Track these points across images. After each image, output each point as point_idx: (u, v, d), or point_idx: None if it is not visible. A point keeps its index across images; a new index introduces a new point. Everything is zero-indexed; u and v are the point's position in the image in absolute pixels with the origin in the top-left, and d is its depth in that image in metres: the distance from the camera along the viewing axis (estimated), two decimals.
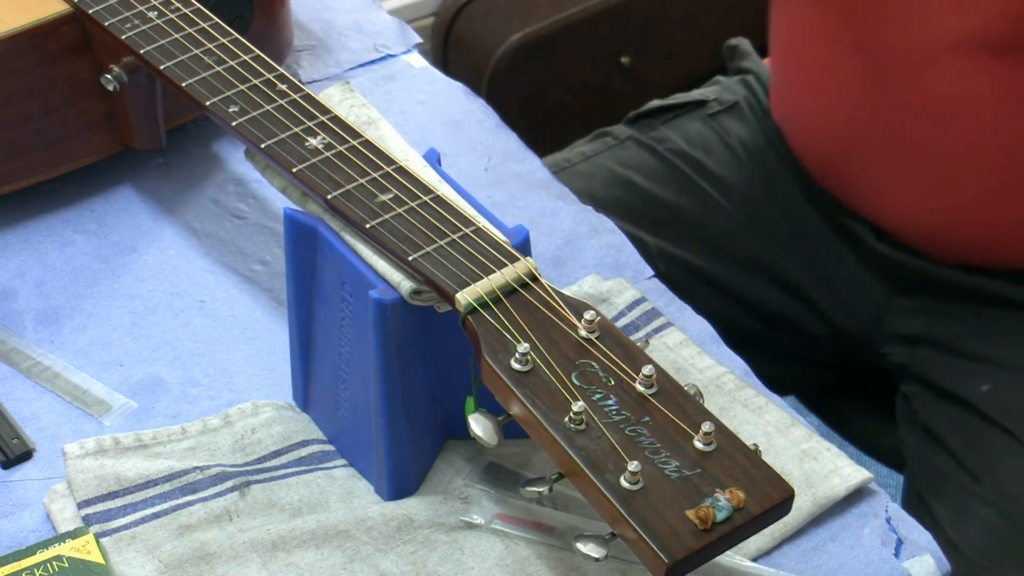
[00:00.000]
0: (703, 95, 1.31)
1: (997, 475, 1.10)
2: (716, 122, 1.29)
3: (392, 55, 1.16)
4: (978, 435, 1.13)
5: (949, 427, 1.15)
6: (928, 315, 1.19)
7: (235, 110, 0.84)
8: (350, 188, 0.79)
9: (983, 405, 1.13)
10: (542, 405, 0.67)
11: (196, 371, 0.91)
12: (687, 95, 1.32)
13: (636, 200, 1.24)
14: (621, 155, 1.29)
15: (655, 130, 1.29)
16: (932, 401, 1.17)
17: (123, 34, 0.91)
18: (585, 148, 1.32)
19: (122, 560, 0.79)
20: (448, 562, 0.79)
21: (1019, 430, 1.11)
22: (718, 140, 1.28)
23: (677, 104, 1.31)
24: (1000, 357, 1.14)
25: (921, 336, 1.19)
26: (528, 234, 0.79)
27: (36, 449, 0.86)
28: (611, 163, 1.28)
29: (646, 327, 0.93)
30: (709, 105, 1.30)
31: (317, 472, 0.84)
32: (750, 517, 0.64)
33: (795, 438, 0.86)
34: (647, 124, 1.31)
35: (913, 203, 1.15)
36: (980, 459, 1.12)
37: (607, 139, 1.31)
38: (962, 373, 1.16)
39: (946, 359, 1.17)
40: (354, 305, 0.79)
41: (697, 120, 1.29)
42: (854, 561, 0.81)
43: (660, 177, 1.27)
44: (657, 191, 1.26)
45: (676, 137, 1.28)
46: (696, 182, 1.26)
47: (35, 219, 1.01)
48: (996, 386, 1.13)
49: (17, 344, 0.92)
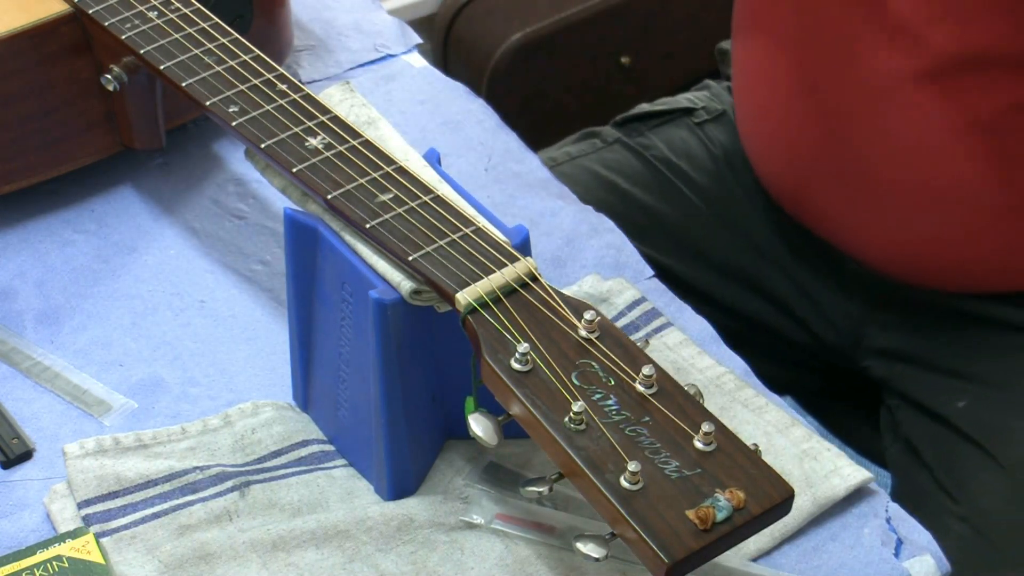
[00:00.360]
0: (691, 102, 1.31)
1: (971, 492, 1.11)
2: (702, 131, 1.29)
3: (392, 55, 1.16)
4: (954, 451, 1.13)
5: (927, 442, 1.15)
6: (905, 331, 1.19)
7: (235, 110, 0.84)
8: (350, 188, 0.79)
9: (958, 421, 1.13)
10: (542, 405, 0.67)
11: (196, 371, 0.91)
12: (675, 100, 1.32)
13: (618, 203, 1.24)
14: (607, 157, 1.29)
15: (642, 135, 1.30)
16: (912, 415, 1.18)
17: (123, 34, 0.91)
18: (571, 148, 1.32)
19: (122, 560, 0.79)
20: (448, 562, 0.79)
21: (993, 447, 1.11)
22: (703, 149, 1.28)
23: (665, 110, 1.31)
24: (976, 373, 1.14)
25: (899, 351, 1.19)
26: (528, 234, 0.79)
27: (36, 449, 0.86)
28: (596, 165, 1.28)
29: (646, 327, 0.93)
30: (696, 113, 1.30)
31: (317, 472, 0.84)
32: (750, 517, 0.64)
33: (795, 438, 0.86)
34: (634, 129, 1.31)
35: (877, 236, 1.14)
36: (955, 476, 1.12)
37: (595, 140, 1.31)
38: (939, 389, 1.16)
39: (924, 375, 1.17)
40: (354, 305, 0.78)
41: (684, 128, 1.29)
42: (854, 561, 0.81)
43: (644, 182, 1.27)
44: (640, 195, 1.26)
45: (661, 144, 1.28)
46: (679, 189, 1.26)
47: (35, 219, 1.01)
48: (971, 402, 1.14)
49: (17, 344, 0.92)
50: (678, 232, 1.25)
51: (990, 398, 1.13)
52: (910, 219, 1.12)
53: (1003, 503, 1.10)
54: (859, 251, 1.17)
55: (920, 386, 1.17)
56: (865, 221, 1.14)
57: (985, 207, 1.09)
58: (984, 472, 1.11)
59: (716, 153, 1.27)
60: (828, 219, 1.17)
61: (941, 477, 1.13)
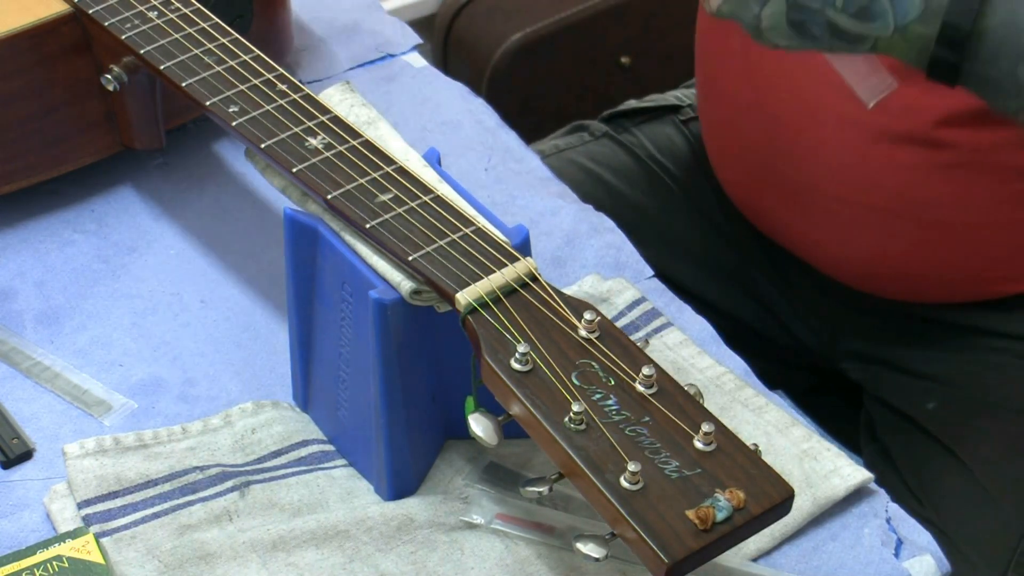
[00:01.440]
0: (679, 99, 1.31)
1: (937, 494, 1.11)
2: (688, 129, 1.29)
3: (392, 55, 1.16)
4: (923, 454, 1.13)
5: (899, 444, 1.16)
6: (875, 334, 1.19)
7: (235, 110, 0.84)
8: (350, 188, 0.79)
9: (928, 423, 1.13)
10: (542, 405, 0.67)
11: (196, 371, 0.91)
12: (663, 97, 1.32)
13: (604, 197, 1.24)
14: (594, 150, 1.29)
15: (628, 132, 1.30)
16: (886, 417, 1.18)
17: (123, 34, 0.91)
18: (559, 141, 1.32)
19: (122, 560, 0.79)
20: (448, 562, 0.79)
21: (959, 448, 1.11)
22: (687, 147, 1.28)
23: (652, 107, 1.31)
24: (944, 375, 1.14)
25: (872, 354, 1.19)
26: (528, 234, 0.78)
27: (36, 449, 0.86)
28: (583, 158, 1.28)
29: (646, 327, 0.93)
30: (683, 111, 1.30)
31: (317, 472, 0.84)
32: (750, 517, 0.64)
33: (795, 438, 0.86)
34: (621, 124, 1.31)
35: (828, 248, 1.15)
36: (922, 479, 1.12)
37: (583, 134, 1.32)
38: (910, 391, 1.16)
39: (896, 376, 1.17)
40: (354, 305, 0.78)
41: (669, 125, 1.30)
42: (854, 561, 0.81)
43: (630, 176, 1.27)
44: (625, 190, 1.26)
45: (647, 141, 1.28)
46: (665, 184, 1.26)
47: (35, 219, 1.01)
48: (940, 404, 1.14)
49: (17, 344, 0.92)
50: (662, 228, 1.25)
51: (958, 399, 1.13)
52: (856, 233, 1.12)
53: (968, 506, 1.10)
54: (815, 261, 1.17)
55: (893, 388, 1.17)
56: (814, 234, 1.15)
57: (928, 221, 1.09)
58: (950, 476, 1.11)
59: (698, 151, 1.27)
60: (783, 231, 1.18)
61: (909, 479, 1.13)
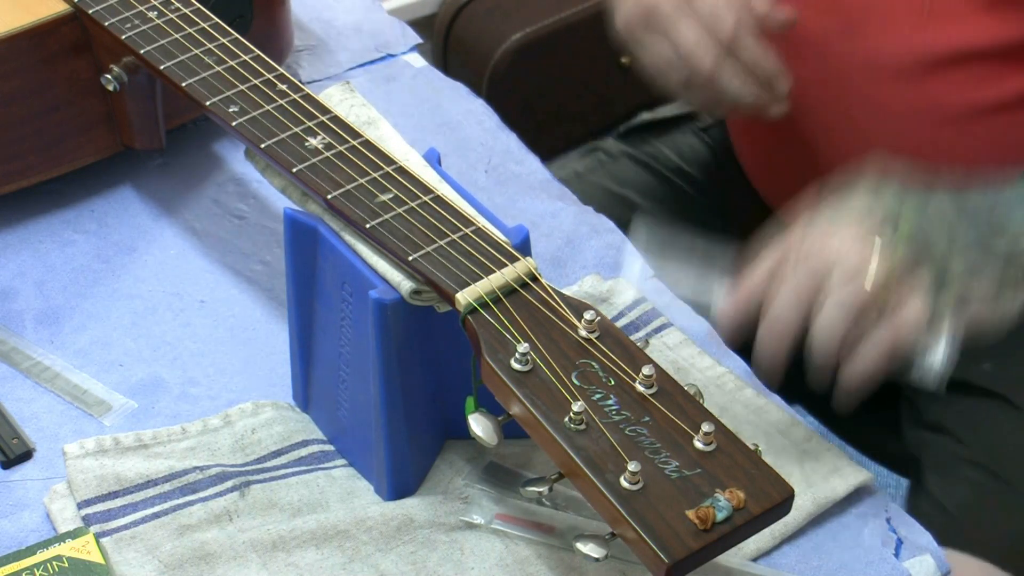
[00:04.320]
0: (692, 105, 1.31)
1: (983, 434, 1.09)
2: (709, 136, 1.27)
3: (392, 55, 1.16)
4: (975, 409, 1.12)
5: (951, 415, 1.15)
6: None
7: (235, 110, 0.84)
8: (350, 188, 0.79)
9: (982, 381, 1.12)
10: (542, 405, 0.67)
11: (196, 371, 0.91)
12: (676, 107, 1.31)
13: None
14: (616, 172, 1.27)
15: (649, 145, 1.28)
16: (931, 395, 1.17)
17: (123, 34, 0.91)
18: (577, 166, 1.30)
19: (122, 560, 0.79)
20: (448, 562, 0.79)
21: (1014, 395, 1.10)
22: (711, 155, 1.27)
23: (668, 118, 1.30)
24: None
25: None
26: (528, 234, 0.78)
27: (36, 449, 0.86)
28: (607, 181, 1.27)
29: (646, 327, 0.93)
30: (700, 118, 1.29)
31: (317, 472, 0.84)
32: (750, 517, 0.64)
33: (795, 438, 0.86)
34: (639, 139, 1.29)
35: None
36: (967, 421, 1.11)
37: (599, 155, 1.30)
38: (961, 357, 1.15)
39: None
40: (354, 305, 0.78)
41: (690, 134, 1.28)
42: (854, 561, 0.81)
43: (657, 195, 1.25)
44: (655, 210, 1.25)
45: (670, 153, 1.27)
46: (691, 197, 1.25)
47: (35, 219, 1.01)
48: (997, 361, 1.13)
49: (17, 344, 0.92)
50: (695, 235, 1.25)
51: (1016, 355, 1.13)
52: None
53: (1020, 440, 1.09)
54: None
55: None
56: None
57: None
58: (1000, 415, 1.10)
59: (723, 158, 1.26)
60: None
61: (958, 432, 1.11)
